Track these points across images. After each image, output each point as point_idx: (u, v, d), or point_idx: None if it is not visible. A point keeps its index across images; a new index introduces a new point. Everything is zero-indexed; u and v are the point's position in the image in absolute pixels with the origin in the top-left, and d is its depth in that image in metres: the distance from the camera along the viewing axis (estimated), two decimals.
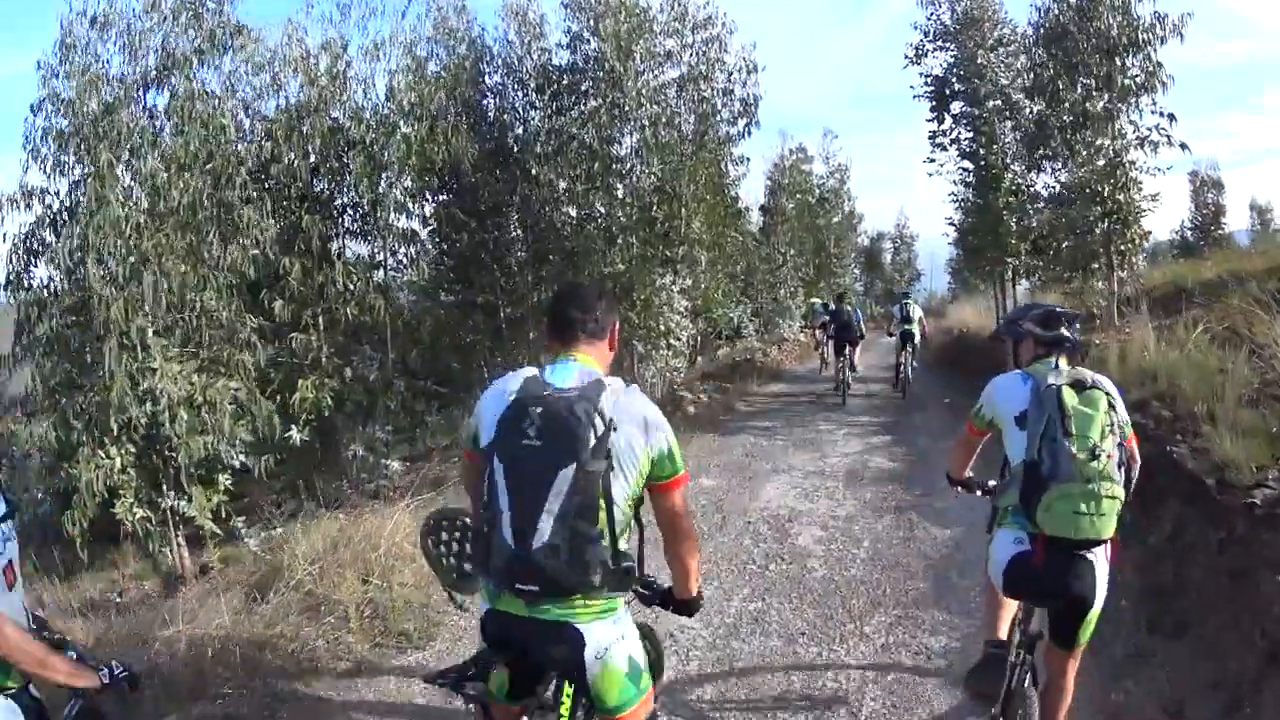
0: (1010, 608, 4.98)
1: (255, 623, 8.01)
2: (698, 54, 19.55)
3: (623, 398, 3.48)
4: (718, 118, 20.02)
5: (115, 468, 11.56)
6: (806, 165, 39.98)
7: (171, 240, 12.20)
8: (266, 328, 14.30)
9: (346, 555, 8.92)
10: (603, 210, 19.09)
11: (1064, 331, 4.86)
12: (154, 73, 12.59)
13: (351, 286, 15.55)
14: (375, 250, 17.01)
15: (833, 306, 25.02)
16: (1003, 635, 4.95)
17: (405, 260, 17.65)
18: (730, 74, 19.80)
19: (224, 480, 12.54)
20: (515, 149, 19.39)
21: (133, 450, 11.85)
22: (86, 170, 11.83)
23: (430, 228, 19.08)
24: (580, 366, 3.59)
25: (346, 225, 16.71)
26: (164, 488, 12.15)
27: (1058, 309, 4.99)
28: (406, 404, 17.15)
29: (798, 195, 38.28)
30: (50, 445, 11.58)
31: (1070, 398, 4.44)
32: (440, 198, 19.29)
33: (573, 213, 19.39)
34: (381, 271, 16.93)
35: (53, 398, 12.04)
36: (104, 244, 11.53)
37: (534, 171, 18.79)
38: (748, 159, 22.70)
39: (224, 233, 12.75)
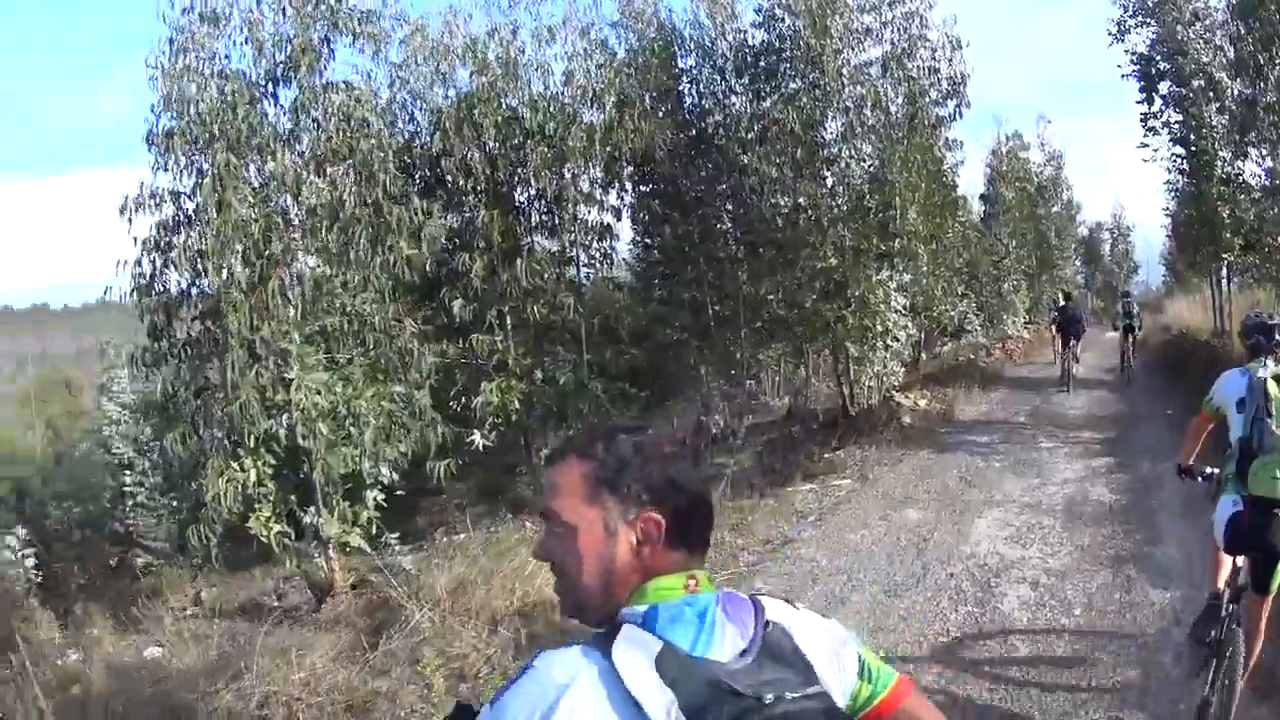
0: (1226, 564, 5.85)
1: (354, 673, 7.73)
2: (897, 30, 18.16)
3: (806, 631, 2.04)
4: (926, 98, 18.61)
5: (250, 480, 10.78)
6: (1023, 152, 37.84)
7: (308, 241, 11.48)
8: (444, 328, 13.95)
9: (482, 593, 8.65)
10: (812, 200, 17.81)
11: (1277, 336, 5.86)
12: (280, 67, 11.68)
13: (541, 284, 14.91)
14: (565, 245, 16.17)
15: (1061, 303, 26.17)
16: (1219, 587, 5.85)
17: (598, 256, 16.84)
18: (934, 50, 18.47)
19: (373, 496, 11.64)
20: (717, 136, 18.34)
21: (272, 463, 11.09)
22: (207, 171, 11.06)
23: (630, 221, 18.45)
24: (717, 597, 1.97)
25: (533, 220, 15.98)
26: (304, 503, 11.41)
27: (1271, 319, 6.00)
28: (602, 408, 15.94)
29: (1016, 184, 36.02)
30: (178, 455, 11.08)
31: (1274, 388, 5.47)
32: (641, 189, 18.70)
33: (784, 202, 18.17)
34: (573, 268, 16.23)
35: (181, 405, 11.54)
36: (226, 247, 10.76)
37: (744, 160, 17.67)
38: (961, 143, 21.50)
39: (377, 231, 11.86)
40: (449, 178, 14.72)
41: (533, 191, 15.71)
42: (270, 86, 11.68)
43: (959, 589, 9.10)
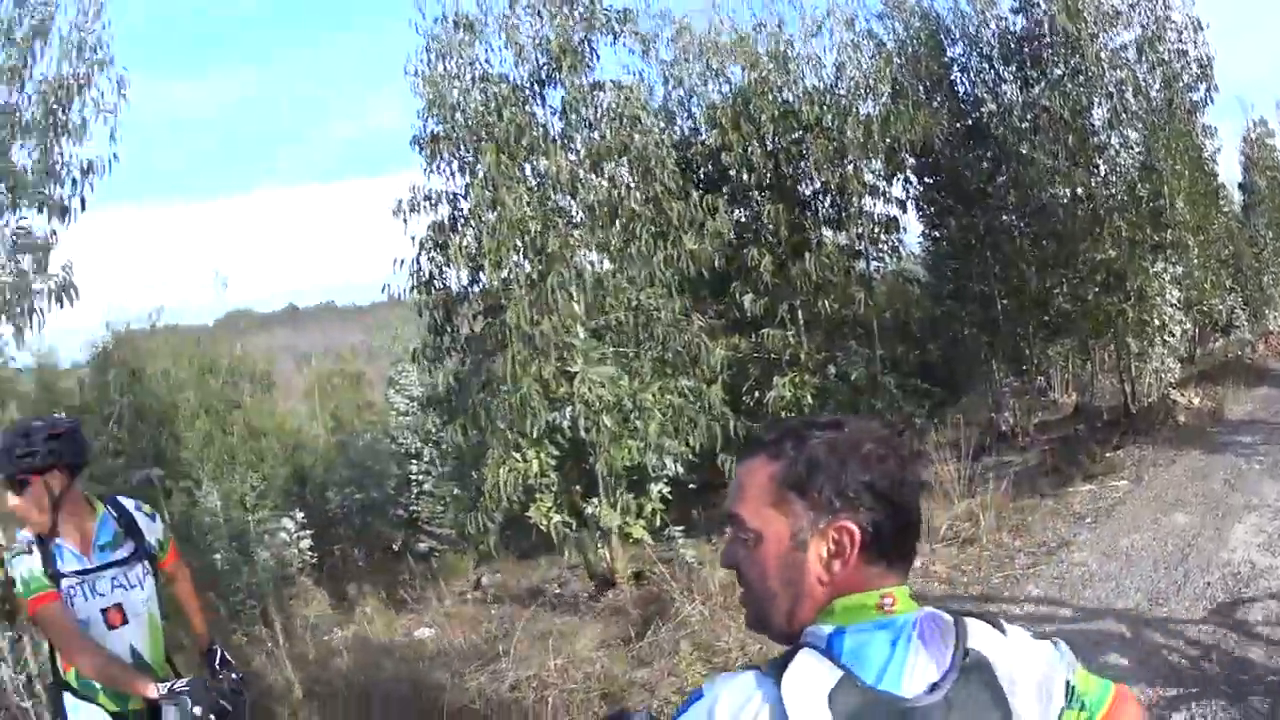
0: None
1: (615, 662, 7.77)
2: (1145, 12, 17.32)
3: (1011, 661, 1.77)
4: (1179, 82, 17.82)
5: (533, 471, 11.12)
6: (1270, 139, 34.76)
7: (588, 238, 11.69)
8: (736, 323, 14.02)
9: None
10: (1087, 190, 17.16)
11: None
12: (544, 69, 11.97)
13: (831, 278, 14.74)
14: (853, 239, 16.04)
15: None
16: None
17: (886, 249, 16.69)
18: (1180, 32, 17.60)
19: (657, 489, 11.71)
20: (992, 125, 17.87)
21: (556, 454, 11.40)
22: (479, 172, 11.44)
23: (916, 214, 18.34)
24: (915, 620, 1.74)
25: (819, 213, 15.82)
26: (588, 494, 11.66)
27: None
28: (896, 404, 15.63)
29: (1267, 172, 33.53)
30: (459, 446, 11.47)
31: None
32: (925, 180, 18.44)
33: (1063, 193, 17.53)
34: (862, 261, 16.04)
35: (463, 398, 11.92)
36: (504, 245, 11.08)
37: (1021, 149, 17.15)
38: (1215, 129, 20.66)
39: (659, 227, 11.99)
40: (731, 173, 14.73)
41: (817, 185, 15.61)
42: (536, 88, 12.01)
43: (1213, 599, 8.62)
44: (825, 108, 14.89)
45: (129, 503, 4.35)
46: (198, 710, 3.81)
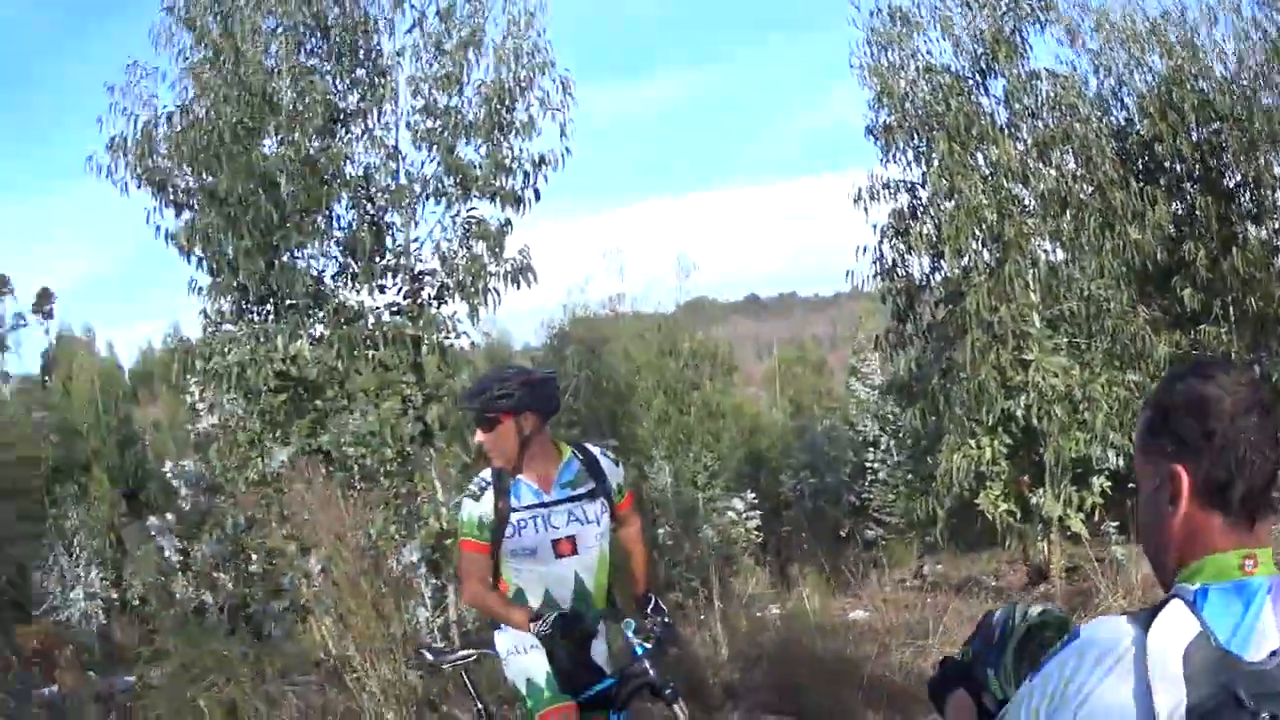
0: None
1: None
2: None
3: None
4: None
5: (985, 458, 11.16)
6: None
7: (1039, 226, 11.56)
8: (1177, 318, 13.39)
9: None
10: None
11: None
12: (981, 59, 11.88)
13: (1256, 274, 13.70)
14: (1271, 234, 14.73)
15: None
16: None
17: None
18: None
19: (1099, 482, 11.50)
20: None
21: (1008, 442, 11.36)
22: (933, 161, 11.49)
23: None
24: (1270, 584, 1.62)
25: (1242, 207, 14.62)
26: (1035, 484, 11.50)
27: None
28: None
29: None
30: (916, 431, 11.51)
31: None
32: None
33: None
34: None
35: (924, 384, 12.04)
36: (962, 233, 11.08)
37: None
38: None
39: (1104, 217, 11.64)
40: (1166, 164, 14.09)
41: (1238, 177, 14.50)
42: (978, 78, 11.98)
43: None
44: (1235, 97, 13.84)
45: (595, 448, 4.65)
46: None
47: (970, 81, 11.95)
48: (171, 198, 9.90)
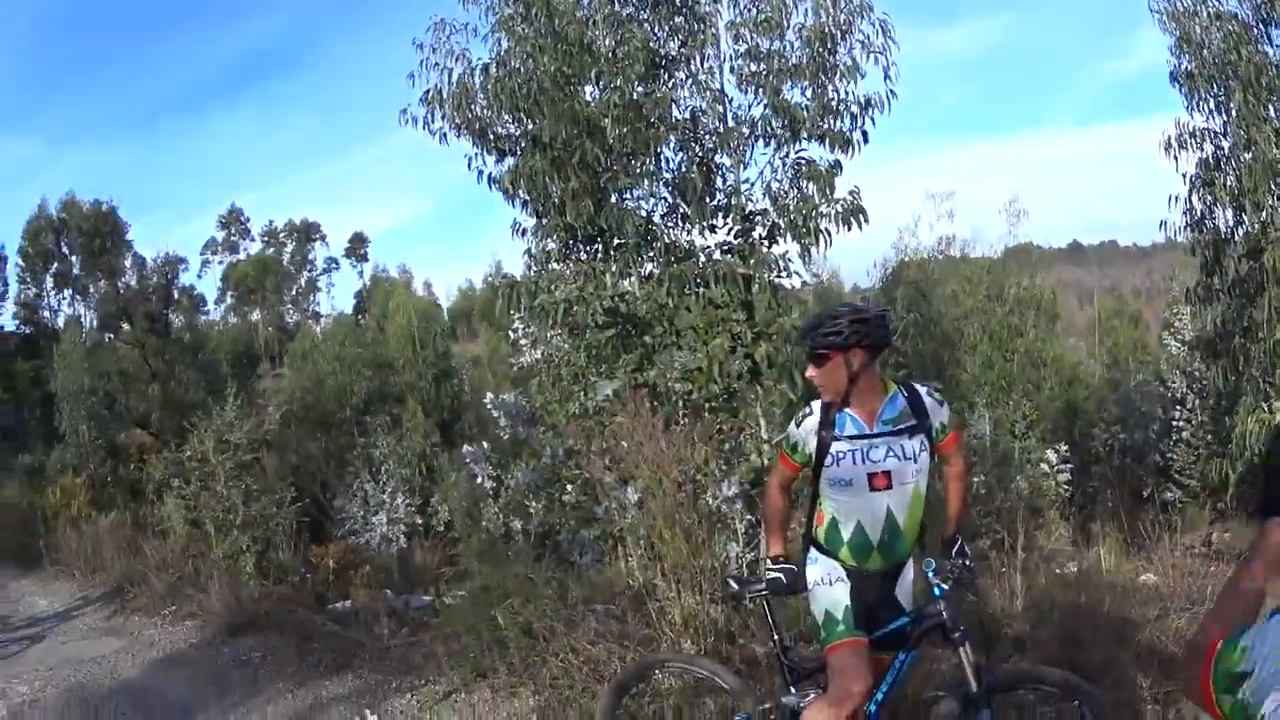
0: None
1: None
2: None
3: None
4: None
5: (1277, 421, 10.81)
6: None
7: None
8: None
9: None
10: None
11: None
12: (1262, 6, 11.43)
13: None
14: None
15: None
16: None
17: None
18: None
19: None
20: None
21: None
22: (1232, 111, 11.24)
23: None
24: None
25: None
26: None
27: None
28: None
29: None
30: (1214, 389, 11.32)
31: None
32: None
33: None
34: None
35: (1228, 341, 11.80)
36: (1260, 187, 10.83)
37: None
38: None
39: None
40: None
41: None
42: (1261, 27, 11.55)
43: None
44: None
45: (922, 388, 4.78)
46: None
47: (1255, 31, 11.56)
48: (493, 144, 10.30)
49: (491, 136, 10.33)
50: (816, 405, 4.67)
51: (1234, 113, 11.24)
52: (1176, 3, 11.78)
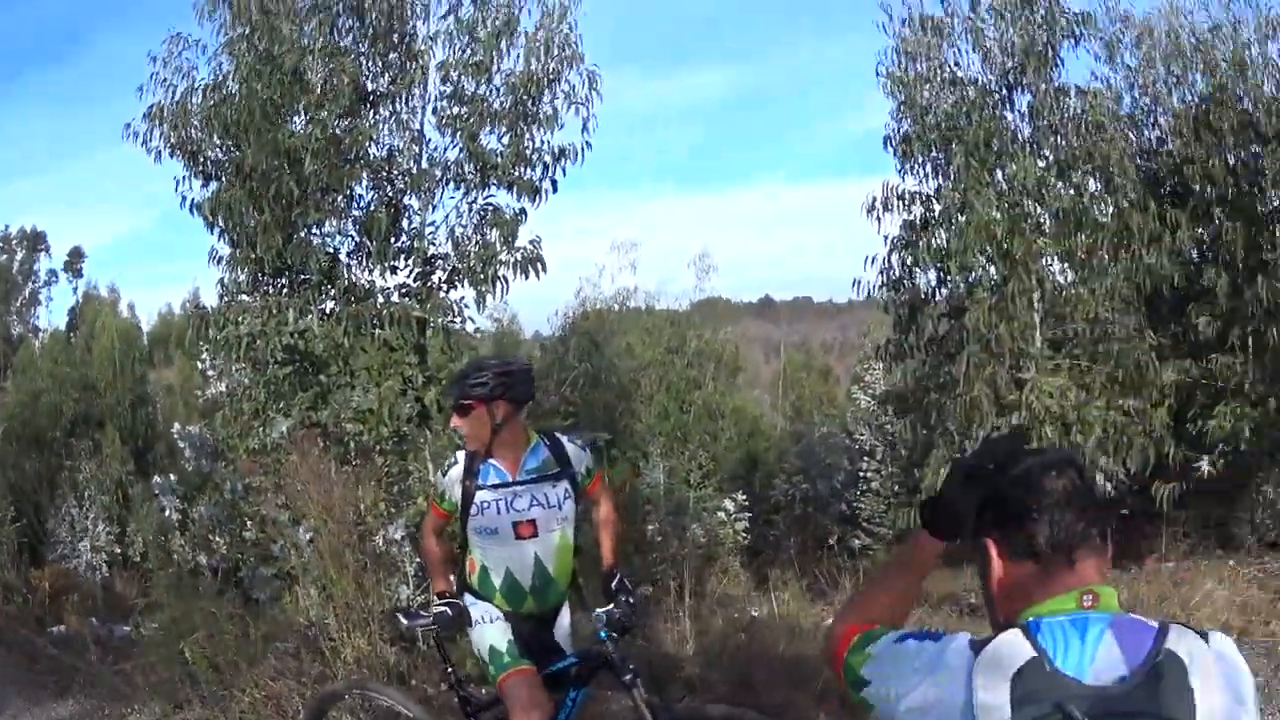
0: None
1: None
2: None
3: (1210, 669, 1.88)
4: None
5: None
6: None
7: (1051, 245, 11.72)
8: (1188, 345, 13.26)
9: None
10: None
11: None
12: (1010, 73, 12.00)
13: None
14: None
15: None
16: None
17: None
18: None
19: None
20: None
21: None
22: (948, 174, 11.71)
23: None
24: (1112, 619, 1.93)
25: (1277, 234, 14.08)
26: None
27: None
28: None
29: None
30: (907, 441, 11.69)
31: None
32: None
33: None
34: None
35: (920, 396, 12.25)
36: (970, 248, 11.29)
37: None
38: None
39: (1120, 239, 11.79)
40: (1194, 186, 13.73)
41: (1276, 202, 13.98)
42: (1004, 92, 12.11)
43: None
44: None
45: (562, 436, 5.00)
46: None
47: (996, 96, 12.09)
48: (201, 168, 10.18)
49: (202, 160, 10.21)
50: (461, 455, 4.85)
51: (954, 176, 11.61)
52: (909, 68, 12.12)
